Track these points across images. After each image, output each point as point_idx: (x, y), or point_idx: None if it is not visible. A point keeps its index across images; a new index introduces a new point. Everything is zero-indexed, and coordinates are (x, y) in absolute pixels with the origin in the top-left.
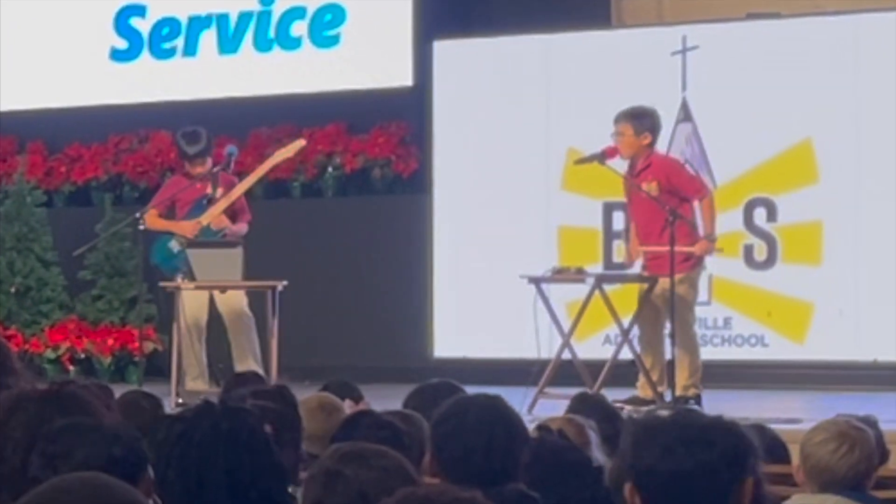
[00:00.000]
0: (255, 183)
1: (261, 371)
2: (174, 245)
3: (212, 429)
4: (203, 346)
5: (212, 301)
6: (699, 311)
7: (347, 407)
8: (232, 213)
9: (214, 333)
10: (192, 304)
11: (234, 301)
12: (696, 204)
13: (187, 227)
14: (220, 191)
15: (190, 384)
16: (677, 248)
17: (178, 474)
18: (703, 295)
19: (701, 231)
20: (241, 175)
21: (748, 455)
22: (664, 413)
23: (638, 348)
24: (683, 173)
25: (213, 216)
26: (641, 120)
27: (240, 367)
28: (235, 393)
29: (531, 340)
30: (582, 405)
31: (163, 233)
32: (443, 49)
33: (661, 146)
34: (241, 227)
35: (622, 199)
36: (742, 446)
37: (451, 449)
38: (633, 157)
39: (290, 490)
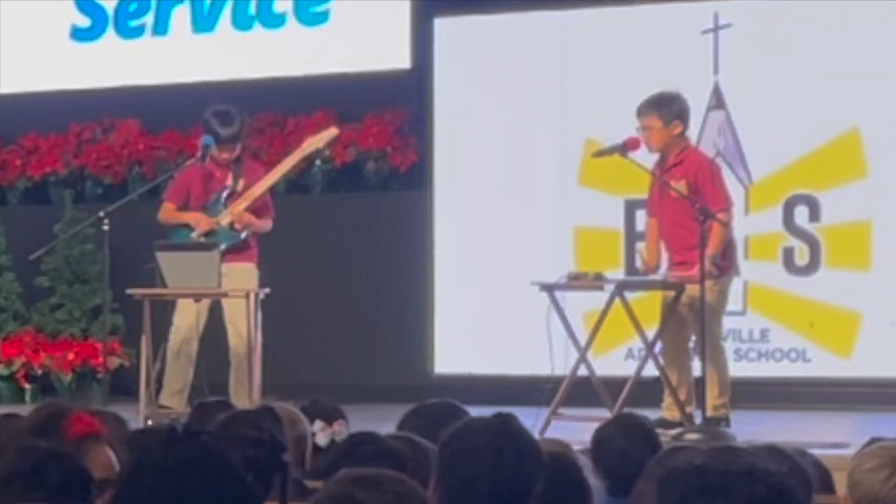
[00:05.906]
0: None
1: (251, 404)
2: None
3: (169, 456)
4: (191, 363)
5: (213, 312)
6: (732, 321)
7: (318, 428)
8: (253, 211)
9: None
10: (183, 313)
11: (241, 323)
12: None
13: (203, 221)
14: (241, 183)
15: (165, 399)
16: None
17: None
18: (737, 304)
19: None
20: None
21: None
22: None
23: (661, 364)
24: (710, 180)
25: (234, 215)
26: (669, 107)
27: (234, 399)
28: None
29: (543, 355)
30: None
31: (178, 226)
32: (445, 27)
33: (691, 135)
34: (265, 224)
35: (646, 195)
36: (771, 497)
37: (456, 473)
38: (664, 149)
39: None
